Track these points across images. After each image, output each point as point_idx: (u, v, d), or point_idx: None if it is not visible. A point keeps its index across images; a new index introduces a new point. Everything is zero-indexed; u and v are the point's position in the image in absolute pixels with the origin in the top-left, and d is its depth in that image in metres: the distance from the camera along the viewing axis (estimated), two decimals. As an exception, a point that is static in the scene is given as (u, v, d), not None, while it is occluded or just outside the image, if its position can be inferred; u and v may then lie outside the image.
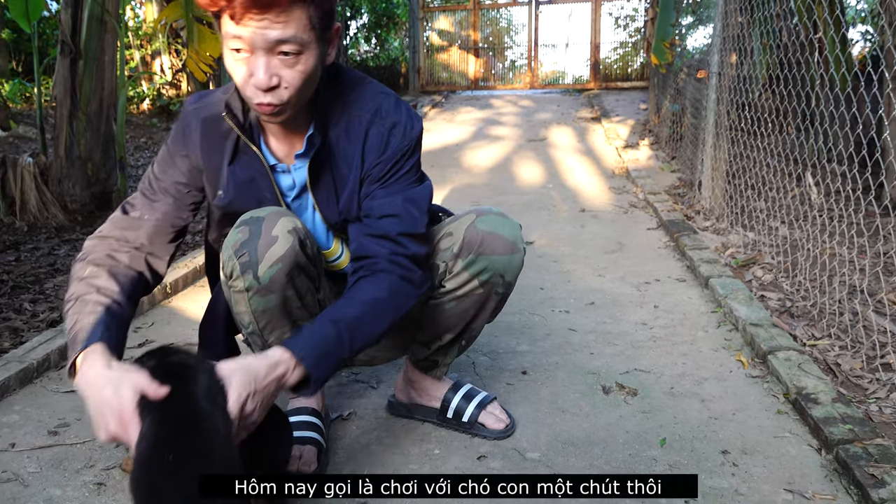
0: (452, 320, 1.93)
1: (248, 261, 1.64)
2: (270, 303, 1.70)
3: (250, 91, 1.50)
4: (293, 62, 1.48)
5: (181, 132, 1.76)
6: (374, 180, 1.71)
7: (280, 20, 1.43)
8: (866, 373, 2.33)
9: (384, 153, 1.70)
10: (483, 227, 1.82)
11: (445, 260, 1.84)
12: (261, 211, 1.67)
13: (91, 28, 4.43)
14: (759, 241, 3.74)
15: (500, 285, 1.88)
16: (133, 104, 10.24)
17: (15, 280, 3.41)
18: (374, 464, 1.91)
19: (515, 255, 1.85)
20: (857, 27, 7.86)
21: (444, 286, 1.87)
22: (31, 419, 2.16)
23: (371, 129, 1.70)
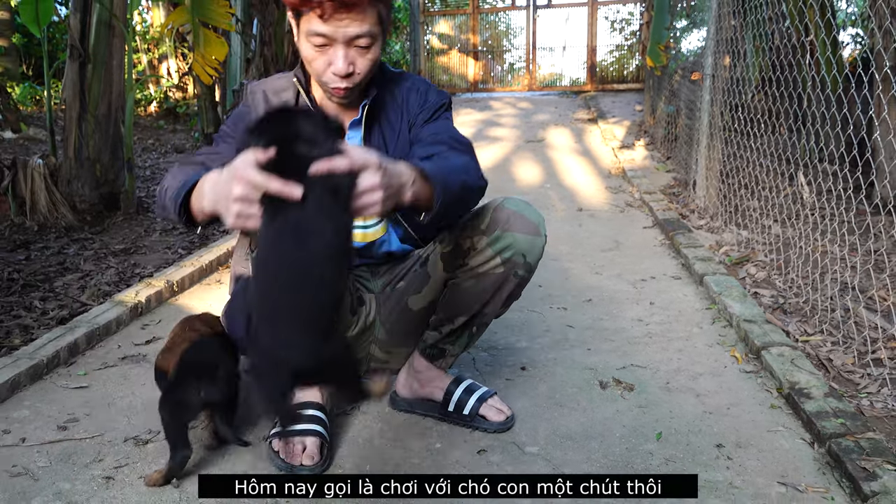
0: (469, 300, 1.97)
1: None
2: None
3: (328, 77, 1.78)
4: (365, 52, 1.77)
5: (244, 112, 1.93)
6: (419, 125, 1.96)
7: (358, 18, 1.69)
8: (858, 368, 2.37)
9: (425, 104, 1.98)
10: (511, 206, 1.89)
11: (471, 236, 1.91)
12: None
13: (99, 32, 4.48)
14: (753, 240, 3.79)
15: (520, 266, 1.92)
16: (140, 107, 10.28)
17: (25, 278, 3.44)
18: (376, 457, 1.94)
19: (538, 239, 1.91)
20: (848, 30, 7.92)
21: (467, 263, 1.93)
22: (41, 414, 2.19)
23: (409, 94, 1.99)
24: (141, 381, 2.43)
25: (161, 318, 3.04)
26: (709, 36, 4.47)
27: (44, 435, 2.07)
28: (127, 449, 1.99)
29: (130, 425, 2.12)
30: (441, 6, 13.76)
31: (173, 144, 8.51)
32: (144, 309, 3.08)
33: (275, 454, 1.90)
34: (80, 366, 2.55)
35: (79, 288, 3.35)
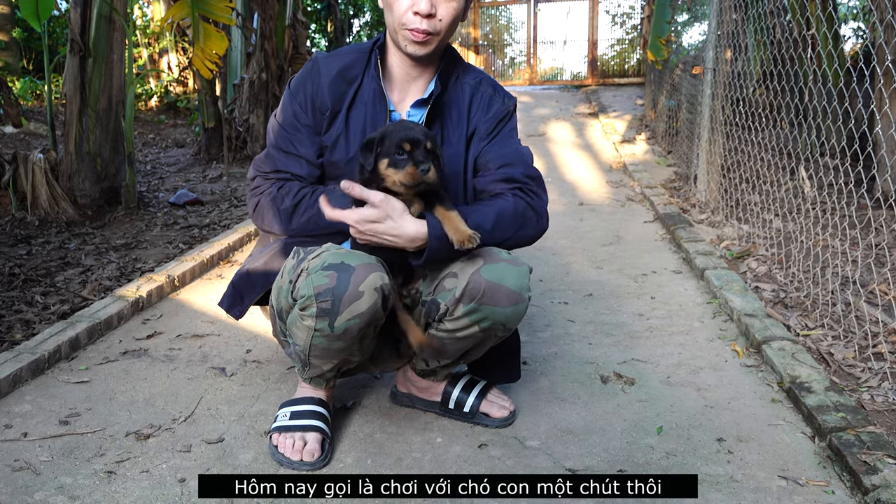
0: (450, 351, 1.95)
1: (328, 308, 1.70)
2: (332, 346, 1.79)
3: (409, 18, 1.81)
4: (450, 0, 1.81)
5: (306, 79, 1.97)
6: (482, 137, 1.98)
7: None
8: (858, 362, 2.37)
9: (488, 113, 2.00)
10: (488, 275, 1.78)
11: (447, 301, 1.83)
12: (351, 257, 1.72)
13: (100, 27, 4.47)
14: (754, 234, 3.79)
15: (500, 331, 1.89)
16: (141, 101, 10.29)
17: (26, 273, 3.45)
18: (377, 452, 1.94)
19: (519, 306, 1.82)
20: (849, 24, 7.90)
21: (445, 325, 1.87)
22: (43, 409, 2.19)
23: (475, 94, 2.00)
24: (142, 376, 2.43)
25: (162, 313, 3.04)
26: (710, 30, 4.47)
27: (45, 429, 2.07)
28: (128, 443, 2.00)
29: (132, 420, 2.13)
30: (442, 0, 13.71)
31: (174, 139, 8.51)
32: (145, 304, 3.08)
33: (275, 449, 1.90)
34: (81, 360, 2.56)
35: (80, 283, 3.35)
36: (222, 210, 4.95)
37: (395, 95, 2.00)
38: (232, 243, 3.94)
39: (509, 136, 2.02)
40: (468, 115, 2.00)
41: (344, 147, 1.94)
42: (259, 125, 6.77)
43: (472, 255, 1.82)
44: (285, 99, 2.00)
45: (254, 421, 2.11)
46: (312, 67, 1.98)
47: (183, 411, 2.18)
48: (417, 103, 1.97)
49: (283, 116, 1.99)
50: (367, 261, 1.73)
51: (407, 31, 1.83)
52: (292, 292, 1.76)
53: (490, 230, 1.81)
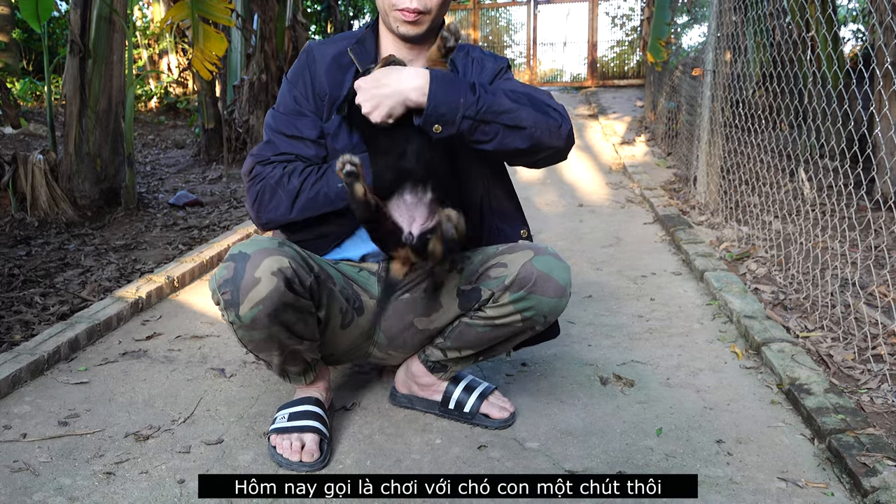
0: (480, 341, 1.96)
1: (229, 300, 1.70)
2: (255, 336, 1.78)
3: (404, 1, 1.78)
4: None
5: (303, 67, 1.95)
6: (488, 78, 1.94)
7: None
8: (858, 364, 2.37)
9: (482, 72, 1.97)
10: (540, 266, 1.82)
11: (493, 289, 1.85)
12: (249, 245, 1.72)
13: (100, 28, 4.47)
14: (753, 236, 3.79)
15: (540, 323, 1.91)
16: (141, 102, 10.30)
17: (26, 274, 3.44)
18: (376, 453, 1.94)
19: (563, 300, 1.87)
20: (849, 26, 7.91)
21: (485, 311, 1.88)
22: (42, 410, 2.19)
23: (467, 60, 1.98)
24: (141, 377, 2.43)
25: (161, 314, 3.04)
26: (710, 32, 4.47)
27: (44, 430, 2.07)
28: (128, 444, 2.00)
29: (131, 421, 2.13)
30: (441, 2, 13.73)
31: (173, 140, 8.51)
32: (145, 304, 3.08)
33: (274, 451, 1.90)
34: (80, 361, 2.56)
35: (79, 283, 3.35)
36: (222, 211, 4.95)
37: None
38: (231, 244, 3.94)
39: (507, 80, 1.97)
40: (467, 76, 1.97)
41: (346, 134, 1.92)
42: (259, 126, 6.77)
43: (518, 246, 1.86)
44: (284, 89, 1.98)
45: (253, 422, 2.11)
46: (308, 56, 1.96)
47: (182, 412, 2.18)
48: None
49: (284, 104, 1.95)
50: (265, 245, 1.72)
51: (397, 11, 1.82)
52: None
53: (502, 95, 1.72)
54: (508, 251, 1.88)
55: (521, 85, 1.90)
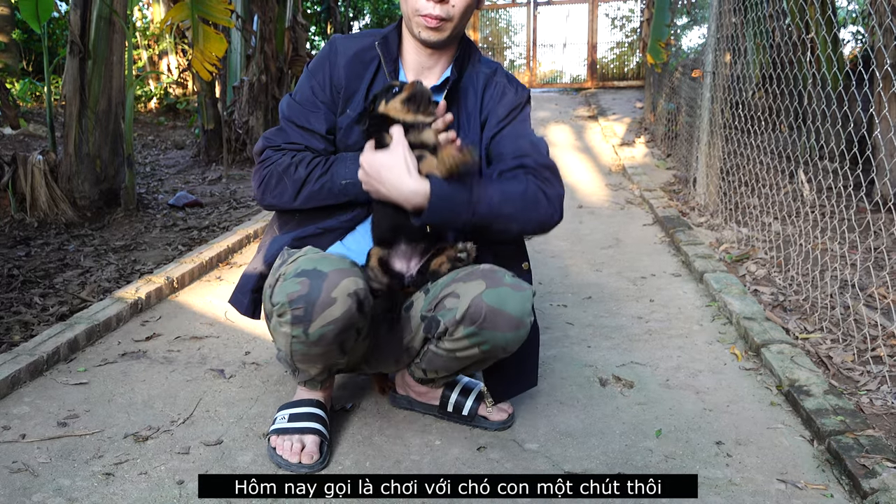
0: (449, 368, 1.95)
1: (301, 315, 1.69)
2: (311, 352, 1.78)
3: (423, 3, 1.81)
4: None
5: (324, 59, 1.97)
6: (496, 121, 1.96)
7: None
8: (857, 365, 2.38)
9: (501, 100, 1.98)
10: (490, 300, 1.74)
11: (446, 321, 1.80)
12: (325, 263, 1.71)
13: (100, 29, 4.47)
14: (753, 237, 3.79)
15: (500, 353, 1.86)
16: (140, 103, 10.30)
17: (25, 275, 3.44)
18: (375, 455, 1.94)
19: (520, 331, 1.78)
20: (849, 27, 7.92)
21: (444, 343, 1.85)
22: (41, 411, 2.19)
23: (490, 82, 1.99)
24: (141, 378, 2.43)
25: (161, 315, 3.04)
26: (709, 33, 4.47)
27: (44, 431, 2.07)
28: (127, 445, 1.99)
29: (130, 421, 2.13)
30: (441, 3, 13.77)
31: (173, 141, 8.51)
32: (144, 305, 3.08)
33: (274, 451, 1.90)
34: (79, 362, 2.56)
35: (79, 284, 3.35)
36: (221, 212, 4.95)
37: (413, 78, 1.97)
38: (231, 245, 3.94)
39: (522, 126, 1.99)
40: (481, 103, 1.98)
41: (359, 132, 1.92)
42: (258, 127, 6.77)
43: (474, 274, 1.80)
44: (303, 77, 2.00)
45: (252, 423, 2.11)
46: (331, 48, 1.98)
47: (181, 413, 2.18)
48: (433, 89, 1.95)
49: (301, 93, 1.98)
50: (341, 266, 1.72)
51: (420, 17, 1.83)
52: (270, 298, 1.77)
53: (498, 203, 1.79)
54: (465, 279, 1.81)
55: (529, 144, 1.94)
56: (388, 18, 13.64)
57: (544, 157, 1.92)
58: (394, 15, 13.71)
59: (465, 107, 1.97)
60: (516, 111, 1.99)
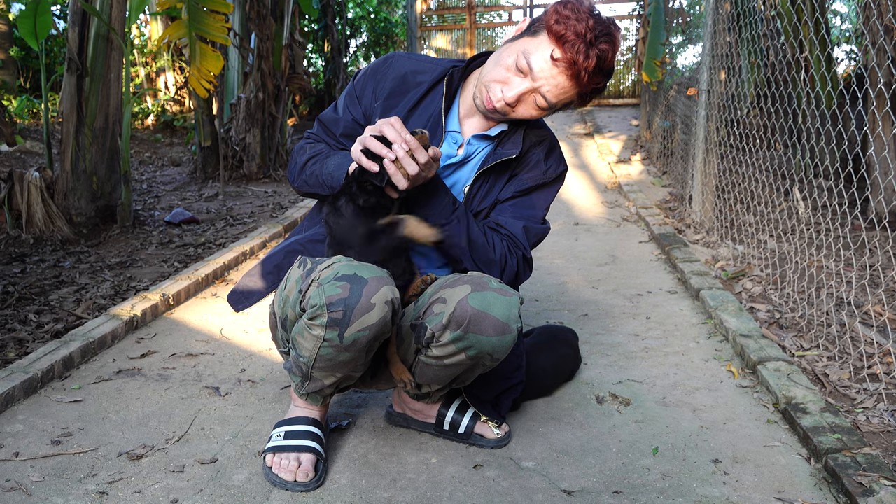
0: (440, 378, 1.95)
1: (339, 319, 1.69)
2: (342, 357, 1.77)
3: (495, 93, 1.82)
4: (535, 108, 1.84)
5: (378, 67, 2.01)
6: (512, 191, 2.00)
7: (558, 90, 1.79)
8: (854, 383, 2.38)
9: (531, 171, 2.01)
10: (475, 303, 1.74)
11: (433, 327, 1.80)
12: (365, 270, 1.71)
13: (97, 46, 4.49)
14: (749, 254, 3.80)
15: (487, 360, 1.85)
16: (137, 120, 10.32)
17: (20, 292, 3.43)
18: (371, 473, 1.93)
19: (506, 336, 1.77)
20: (842, 46, 7.98)
21: (431, 351, 1.85)
22: (35, 429, 2.18)
23: (531, 151, 2.01)
24: (135, 395, 2.42)
25: (156, 332, 3.03)
26: (704, 52, 4.51)
27: (37, 449, 2.05)
28: (121, 463, 1.98)
29: (125, 440, 2.11)
30: (438, 21, 13.89)
31: (170, 158, 8.52)
32: (140, 322, 3.07)
33: (269, 470, 1.89)
34: (74, 379, 2.54)
35: (74, 301, 3.34)
36: (218, 229, 4.95)
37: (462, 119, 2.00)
38: (227, 262, 3.94)
39: (531, 203, 2.03)
40: (513, 172, 2.01)
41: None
42: (255, 144, 6.79)
43: (461, 280, 1.81)
44: (351, 83, 2.05)
45: (248, 441, 2.10)
46: (386, 59, 2.02)
47: (176, 431, 2.16)
48: (479, 136, 1.97)
49: (342, 99, 2.05)
50: (380, 273, 1.72)
51: (485, 94, 1.85)
52: (301, 301, 1.75)
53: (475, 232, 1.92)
54: (452, 284, 1.82)
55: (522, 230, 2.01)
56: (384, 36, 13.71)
57: (526, 249, 2.02)
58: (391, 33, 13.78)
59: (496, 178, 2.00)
60: (538, 188, 2.04)
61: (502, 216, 2.01)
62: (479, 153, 2.00)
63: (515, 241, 1.99)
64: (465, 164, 2.00)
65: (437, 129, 1.95)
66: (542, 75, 1.77)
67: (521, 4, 12.65)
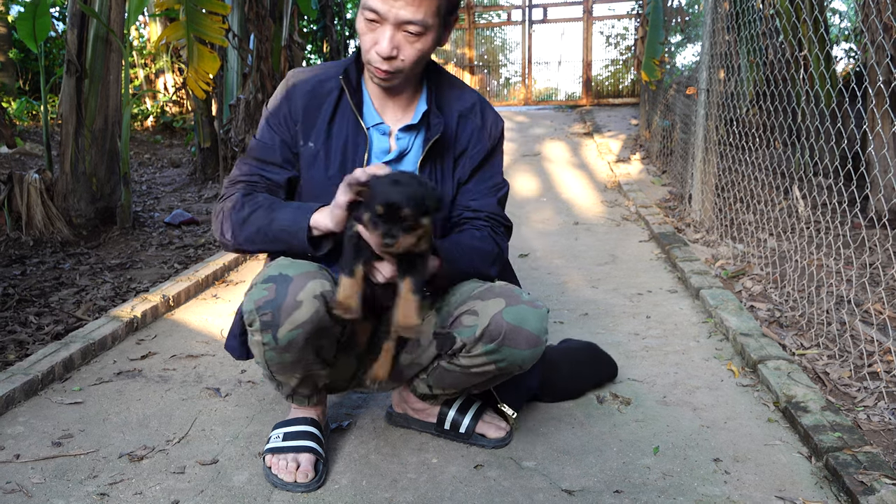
0: (459, 384, 1.95)
1: (270, 321, 1.69)
2: (285, 359, 1.78)
3: (372, 56, 1.75)
4: (414, 40, 1.73)
5: (282, 97, 1.92)
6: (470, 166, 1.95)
7: (414, 3, 1.68)
8: (854, 381, 2.37)
9: (477, 144, 1.95)
10: (510, 318, 1.77)
11: (465, 338, 1.81)
12: (291, 268, 1.71)
13: (96, 48, 4.49)
14: (749, 253, 3.80)
15: (516, 370, 1.87)
16: (137, 121, 10.31)
17: (21, 294, 3.43)
18: (372, 473, 1.93)
19: (537, 349, 1.81)
20: (841, 45, 7.98)
21: (459, 360, 1.86)
22: (36, 430, 2.18)
23: (466, 120, 1.94)
24: (136, 397, 2.42)
25: (156, 333, 3.03)
26: (703, 51, 4.50)
27: (38, 451, 2.05)
28: (122, 465, 1.98)
29: (125, 441, 2.11)
30: (437, 21, 13.85)
31: (169, 159, 8.52)
32: (140, 324, 3.07)
33: (269, 471, 1.89)
34: (75, 381, 2.54)
35: (74, 303, 3.34)
36: (218, 230, 4.94)
37: (385, 112, 1.93)
38: (227, 263, 3.94)
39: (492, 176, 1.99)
40: (454, 146, 1.94)
41: (323, 164, 1.88)
42: (255, 145, 6.78)
43: (492, 292, 1.82)
44: (263, 119, 1.96)
45: (248, 442, 2.10)
46: (286, 83, 1.94)
47: (177, 432, 2.16)
48: (405, 128, 1.91)
49: (260, 131, 1.95)
50: (307, 269, 1.71)
51: (371, 67, 1.78)
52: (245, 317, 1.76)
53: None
54: (482, 296, 1.83)
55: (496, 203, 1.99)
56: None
57: (506, 219, 2.01)
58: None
59: (441, 160, 1.93)
60: (490, 157, 1.98)
61: (474, 200, 1.95)
62: (413, 146, 1.94)
63: (496, 219, 1.96)
64: (402, 159, 1.93)
65: (359, 134, 1.88)
66: (386, 6, 1.69)
67: (519, 4, 12.63)
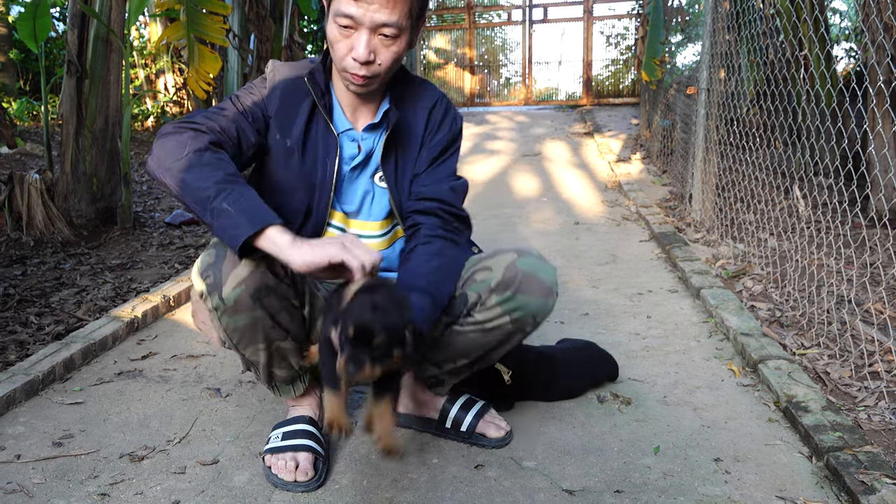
0: (472, 348, 1.95)
1: (212, 282, 1.71)
2: (239, 322, 1.77)
3: (348, 62, 1.74)
4: (390, 43, 1.73)
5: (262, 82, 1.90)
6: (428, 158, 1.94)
7: (388, 6, 1.67)
8: (855, 381, 2.37)
9: (435, 136, 1.94)
10: (524, 266, 1.83)
11: (480, 291, 1.85)
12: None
13: (97, 48, 4.49)
14: (749, 253, 3.80)
15: (529, 324, 1.89)
16: (137, 121, 10.31)
17: (21, 294, 3.43)
18: (373, 473, 1.93)
19: (550, 300, 1.86)
20: (842, 44, 7.98)
21: (473, 317, 1.87)
22: (37, 431, 2.18)
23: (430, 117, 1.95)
24: (137, 397, 2.42)
25: (157, 334, 3.03)
26: (704, 50, 4.50)
27: (39, 451, 2.06)
28: (122, 465, 1.98)
29: (126, 441, 2.11)
30: (437, 21, 13.89)
31: (170, 159, 8.51)
32: (140, 324, 3.07)
33: (269, 471, 1.89)
34: (75, 381, 2.54)
35: (75, 303, 3.34)
36: (218, 230, 4.94)
37: (351, 114, 1.93)
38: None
39: (448, 166, 1.97)
40: (422, 142, 1.95)
41: (298, 161, 1.87)
42: (255, 145, 6.78)
43: (501, 250, 1.88)
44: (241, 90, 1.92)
45: (249, 442, 2.10)
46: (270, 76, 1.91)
47: (177, 432, 2.16)
48: (369, 127, 1.91)
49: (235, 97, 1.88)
50: None
51: (347, 73, 1.77)
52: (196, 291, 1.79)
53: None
54: (492, 255, 1.89)
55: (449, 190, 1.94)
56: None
57: (460, 209, 1.96)
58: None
59: (405, 149, 1.93)
60: (447, 151, 1.98)
61: (425, 186, 1.93)
62: (377, 145, 1.93)
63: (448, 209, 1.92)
64: (369, 161, 1.94)
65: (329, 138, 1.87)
66: (361, 10, 1.67)
67: (520, 4, 12.65)
